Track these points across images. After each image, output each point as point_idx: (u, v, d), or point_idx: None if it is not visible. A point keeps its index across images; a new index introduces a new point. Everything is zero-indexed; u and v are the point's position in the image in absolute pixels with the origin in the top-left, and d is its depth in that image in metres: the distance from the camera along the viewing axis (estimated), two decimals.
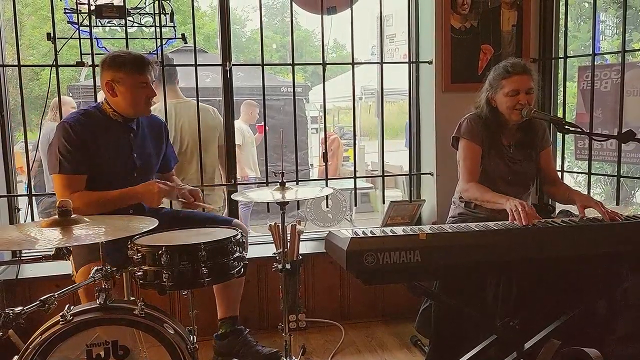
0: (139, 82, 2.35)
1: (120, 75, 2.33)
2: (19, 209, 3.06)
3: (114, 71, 2.34)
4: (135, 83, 2.34)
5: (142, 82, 2.36)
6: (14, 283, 2.80)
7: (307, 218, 3.65)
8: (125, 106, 2.39)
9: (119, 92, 2.35)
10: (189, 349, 1.89)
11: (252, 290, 3.17)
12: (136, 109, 2.41)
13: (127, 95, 2.35)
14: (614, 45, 6.68)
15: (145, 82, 2.37)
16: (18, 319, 1.63)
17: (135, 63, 2.34)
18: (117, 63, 2.33)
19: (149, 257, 2.03)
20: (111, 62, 2.34)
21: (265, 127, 3.28)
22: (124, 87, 2.34)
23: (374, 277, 1.94)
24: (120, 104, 2.38)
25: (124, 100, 2.37)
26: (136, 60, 2.35)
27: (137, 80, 2.34)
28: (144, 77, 2.36)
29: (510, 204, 2.22)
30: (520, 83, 2.49)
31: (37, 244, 1.65)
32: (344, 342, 3.05)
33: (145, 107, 2.43)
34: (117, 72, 2.33)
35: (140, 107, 2.41)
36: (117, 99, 2.37)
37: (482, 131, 2.58)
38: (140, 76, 2.35)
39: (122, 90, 2.35)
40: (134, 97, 2.36)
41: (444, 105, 3.26)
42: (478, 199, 2.51)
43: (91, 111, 2.43)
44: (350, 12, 3.23)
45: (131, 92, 2.35)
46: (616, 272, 2.24)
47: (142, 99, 2.38)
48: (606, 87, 3.13)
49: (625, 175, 3.16)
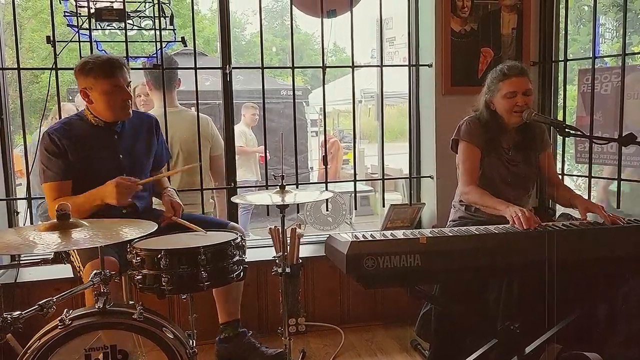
0: (111, 86, 2.30)
1: (91, 82, 2.30)
2: (17, 212, 3.05)
3: (85, 78, 2.30)
4: (107, 88, 2.30)
5: (115, 86, 2.31)
6: (12, 287, 2.79)
7: (306, 221, 3.64)
8: (103, 111, 2.36)
9: (94, 98, 2.33)
10: (188, 353, 1.89)
11: (252, 293, 3.16)
12: (114, 113, 2.38)
13: (102, 101, 2.32)
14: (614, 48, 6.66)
15: (118, 86, 2.32)
16: (16, 323, 1.61)
17: (103, 68, 2.29)
18: (86, 70, 2.29)
19: (148, 260, 2.03)
20: (81, 69, 2.31)
21: (264, 129, 3.27)
22: (97, 93, 2.31)
23: (374, 281, 1.93)
24: (98, 109, 2.36)
25: (99, 105, 2.34)
26: (104, 65, 2.30)
27: (109, 85, 2.30)
28: (115, 80, 2.31)
29: (510, 210, 2.22)
30: (517, 85, 2.49)
31: (35, 248, 1.64)
32: (344, 346, 3.04)
33: (123, 110, 2.38)
34: (87, 78, 2.30)
35: (117, 111, 2.37)
36: (94, 105, 2.35)
37: (481, 134, 2.58)
38: (111, 80, 2.30)
39: (96, 96, 2.32)
40: (108, 101, 2.32)
41: (444, 108, 3.25)
42: (477, 202, 2.51)
43: (73, 119, 2.42)
44: (350, 15, 3.23)
45: (105, 97, 2.31)
46: (617, 275, 2.23)
47: (117, 103, 2.34)
48: (606, 90, 3.13)
49: (625, 179, 3.15)
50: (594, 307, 2.37)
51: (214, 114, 3.38)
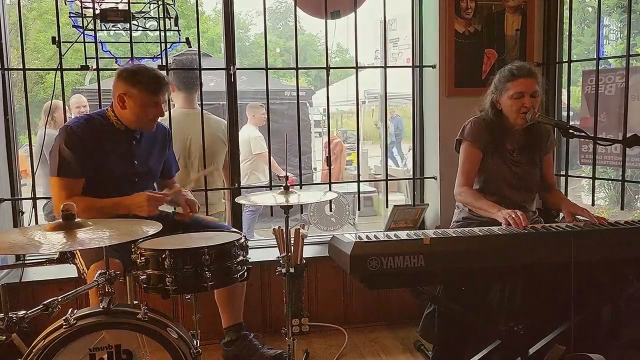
0: (152, 102, 2.36)
1: (135, 92, 2.33)
2: (23, 212, 3.07)
3: (130, 86, 2.34)
4: (147, 102, 2.35)
5: (154, 103, 2.37)
6: (17, 287, 2.80)
7: (310, 222, 3.65)
8: (131, 120, 2.40)
9: (129, 106, 2.36)
10: (192, 353, 1.89)
11: (256, 294, 3.17)
12: (140, 125, 2.43)
13: (136, 111, 2.36)
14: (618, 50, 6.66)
15: (157, 102, 2.38)
16: (21, 322, 1.62)
17: (152, 84, 2.34)
18: (135, 80, 2.33)
19: (152, 261, 2.03)
20: (128, 77, 2.34)
21: (268, 130, 3.27)
22: (135, 103, 2.35)
23: (378, 282, 1.94)
24: (127, 116, 2.40)
25: (131, 114, 2.38)
26: (154, 81, 2.35)
27: (150, 100, 2.35)
28: (157, 98, 2.37)
29: (502, 213, 2.25)
30: (525, 86, 2.49)
31: (41, 248, 1.65)
32: (347, 346, 3.04)
33: (150, 123, 2.44)
34: (133, 87, 2.33)
35: (145, 123, 2.42)
36: (126, 111, 2.38)
37: (485, 135, 2.57)
38: (154, 97, 2.36)
39: (132, 105, 2.36)
40: (142, 114, 2.37)
41: (447, 110, 3.25)
42: (470, 204, 2.52)
43: (95, 117, 2.45)
44: (354, 16, 3.23)
45: (141, 109, 2.36)
46: (621, 277, 2.23)
47: (149, 117, 2.39)
48: (610, 92, 3.12)
49: (629, 180, 3.15)
50: (598, 309, 2.37)
51: (218, 115, 3.39)
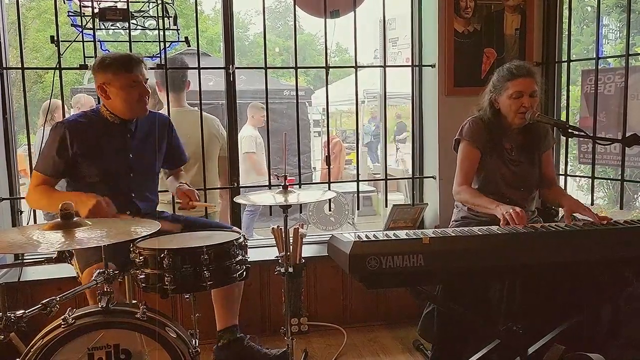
0: (130, 81, 2.33)
1: (110, 77, 2.32)
2: (21, 211, 3.06)
3: (103, 73, 2.33)
4: (126, 82, 2.33)
5: (133, 81, 2.34)
6: (16, 286, 2.80)
7: (309, 221, 3.64)
8: (120, 107, 2.38)
9: (112, 93, 2.35)
10: (191, 353, 1.89)
11: (254, 293, 3.16)
12: (131, 109, 2.39)
13: (120, 96, 2.34)
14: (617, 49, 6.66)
15: (136, 81, 2.34)
16: (20, 322, 1.62)
17: (122, 62, 2.33)
18: (105, 65, 2.33)
19: (151, 260, 2.03)
20: (99, 65, 2.34)
21: (268, 130, 3.27)
22: (115, 88, 2.33)
23: (377, 281, 1.93)
24: (115, 105, 2.38)
25: (118, 101, 2.36)
26: (122, 59, 2.34)
27: (127, 80, 2.33)
28: (133, 75, 2.34)
29: (501, 209, 2.25)
30: (524, 85, 2.48)
31: (39, 247, 1.64)
32: (346, 346, 3.03)
33: (140, 105, 2.40)
34: (106, 73, 2.33)
35: (134, 106, 2.39)
36: (111, 101, 2.37)
37: (483, 134, 2.57)
38: (129, 75, 2.33)
39: (114, 91, 2.34)
40: (126, 96, 2.35)
41: (446, 109, 3.25)
42: (468, 201, 2.52)
43: (88, 114, 2.46)
44: (353, 15, 3.23)
45: (123, 92, 2.34)
46: (621, 277, 2.22)
47: (134, 97, 2.36)
48: (610, 91, 3.12)
49: (628, 179, 3.14)
50: (597, 309, 2.37)
51: (217, 114, 3.38)
